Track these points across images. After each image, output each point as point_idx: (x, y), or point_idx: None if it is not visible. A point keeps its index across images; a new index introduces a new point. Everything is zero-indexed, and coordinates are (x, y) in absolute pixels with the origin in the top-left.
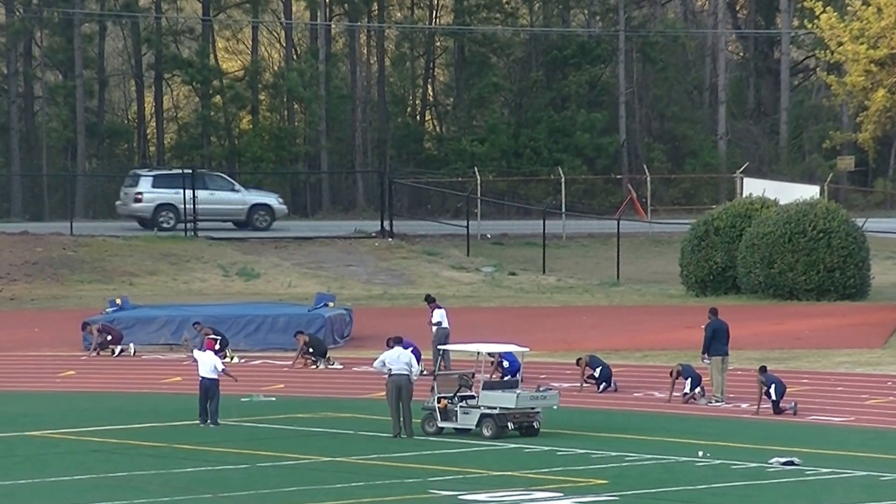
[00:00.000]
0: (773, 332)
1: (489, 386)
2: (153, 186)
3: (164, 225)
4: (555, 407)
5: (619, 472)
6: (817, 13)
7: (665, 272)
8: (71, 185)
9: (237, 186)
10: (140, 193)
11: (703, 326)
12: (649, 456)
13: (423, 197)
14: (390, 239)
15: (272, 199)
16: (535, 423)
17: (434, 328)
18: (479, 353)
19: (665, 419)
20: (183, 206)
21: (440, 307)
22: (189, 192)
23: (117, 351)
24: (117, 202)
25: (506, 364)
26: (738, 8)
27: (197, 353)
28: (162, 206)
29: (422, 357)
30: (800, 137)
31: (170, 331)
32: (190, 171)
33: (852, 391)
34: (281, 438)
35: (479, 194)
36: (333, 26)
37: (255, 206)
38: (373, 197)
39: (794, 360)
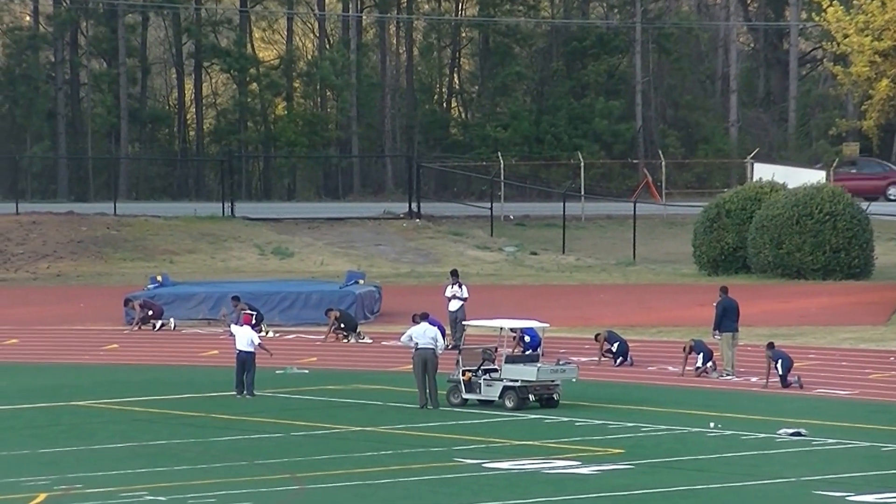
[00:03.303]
0: (781, 309)
1: (511, 360)
2: None
3: None
4: (574, 380)
5: (634, 442)
6: (824, 6)
7: (679, 252)
8: (114, 168)
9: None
10: None
11: (714, 304)
12: (663, 427)
13: (449, 180)
14: (418, 220)
15: None
16: (554, 395)
17: (461, 303)
18: (501, 328)
19: (678, 392)
20: None
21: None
22: None
23: (158, 325)
24: None
25: (527, 339)
26: (748, 1)
27: (234, 328)
28: None
29: (446, 332)
30: (807, 125)
31: (208, 306)
32: None
33: (856, 366)
34: (313, 409)
35: (502, 178)
36: (364, 18)
37: None
38: (401, 180)
39: (802, 336)
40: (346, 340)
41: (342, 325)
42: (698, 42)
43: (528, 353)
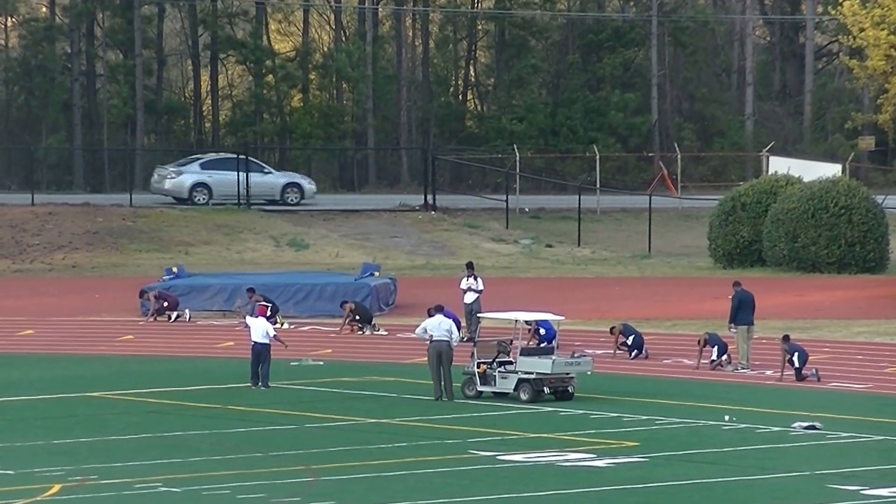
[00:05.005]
0: (796, 303)
1: (526, 352)
2: None
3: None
4: (589, 372)
5: (649, 435)
6: (840, 0)
7: (694, 246)
8: (130, 159)
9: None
10: None
11: (729, 297)
12: (678, 420)
13: (465, 172)
14: (433, 212)
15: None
16: (569, 388)
17: (476, 295)
18: (516, 321)
19: (693, 385)
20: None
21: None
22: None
23: (173, 317)
24: None
25: (542, 331)
26: None
27: (249, 319)
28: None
29: (461, 325)
30: (823, 118)
31: (223, 298)
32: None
33: (871, 360)
34: (328, 401)
35: (517, 170)
36: (380, 10)
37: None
38: (416, 172)
39: (816, 329)
40: (361, 332)
41: (357, 318)
42: (714, 35)
43: (543, 345)
